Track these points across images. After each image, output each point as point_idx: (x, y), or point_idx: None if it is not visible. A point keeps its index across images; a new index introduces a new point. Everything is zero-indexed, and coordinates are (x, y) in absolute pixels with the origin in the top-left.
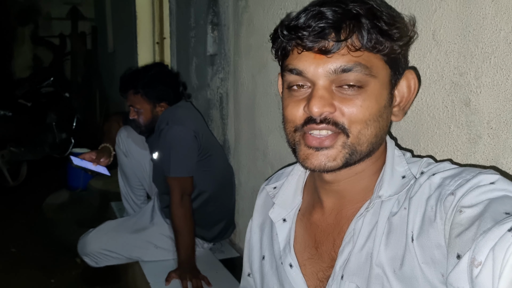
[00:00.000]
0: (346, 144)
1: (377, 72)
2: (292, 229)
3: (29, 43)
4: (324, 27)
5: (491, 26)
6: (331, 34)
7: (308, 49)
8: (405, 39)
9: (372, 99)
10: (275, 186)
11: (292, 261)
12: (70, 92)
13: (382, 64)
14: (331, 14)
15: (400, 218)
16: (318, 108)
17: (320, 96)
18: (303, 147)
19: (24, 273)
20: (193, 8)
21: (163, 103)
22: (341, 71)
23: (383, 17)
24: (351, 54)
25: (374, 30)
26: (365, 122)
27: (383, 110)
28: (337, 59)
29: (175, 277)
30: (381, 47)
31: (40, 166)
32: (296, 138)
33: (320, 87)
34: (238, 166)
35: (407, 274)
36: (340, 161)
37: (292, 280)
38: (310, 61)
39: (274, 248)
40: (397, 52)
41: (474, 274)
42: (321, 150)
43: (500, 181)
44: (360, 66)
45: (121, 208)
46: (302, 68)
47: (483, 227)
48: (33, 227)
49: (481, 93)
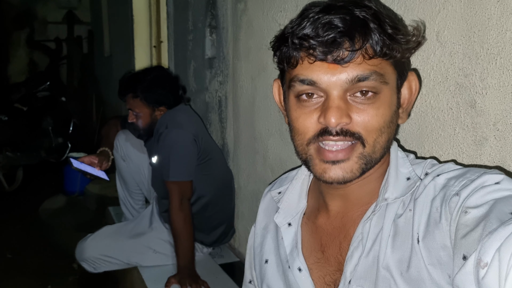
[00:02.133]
0: (362, 154)
1: (388, 78)
2: (298, 233)
3: (25, 48)
4: (336, 37)
5: (497, 27)
6: (345, 43)
7: (321, 59)
8: (412, 43)
9: (386, 106)
10: (280, 191)
11: (301, 265)
12: (66, 96)
13: (392, 69)
14: (341, 22)
15: (406, 220)
16: (336, 119)
17: (337, 107)
18: (318, 162)
19: (21, 279)
20: (191, 11)
21: (162, 107)
22: (357, 80)
23: (387, 21)
24: (367, 63)
25: (384, 36)
26: (380, 130)
27: (394, 115)
28: (353, 68)
29: (175, 282)
30: (393, 53)
31: (37, 170)
32: (309, 152)
33: (335, 97)
34: (237, 170)
35: (414, 276)
36: (357, 172)
37: (301, 284)
38: (323, 71)
39: (280, 252)
40: (406, 57)
41: (481, 275)
42: (338, 163)
43: (505, 181)
44: (375, 74)
45: (119, 213)
46: (316, 79)
47: (488, 228)
48: (29, 232)
49: (487, 94)
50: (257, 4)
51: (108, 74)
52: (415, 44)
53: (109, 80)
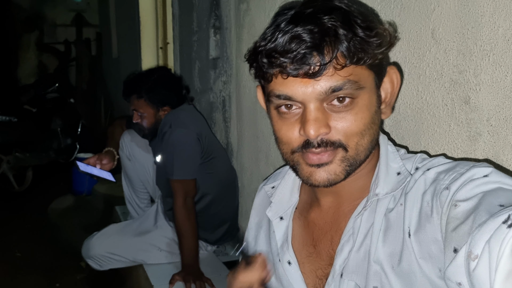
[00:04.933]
0: (345, 158)
1: (365, 83)
2: (289, 227)
3: (35, 50)
4: (306, 52)
5: (490, 24)
6: (315, 58)
7: (294, 76)
8: (384, 44)
9: (364, 109)
10: (273, 186)
11: (291, 258)
12: (75, 97)
13: (367, 72)
14: (308, 36)
15: (397, 214)
16: (314, 131)
17: (314, 119)
18: (304, 166)
19: (30, 277)
20: (196, 13)
21: (166, 107)
22: (331, 91)
23: (358, 22)
24: (338, 73)
25: (355, 42)
26: (361, 133)
27: (374, 115)
28: (326, 80)
29: (179, 279)
30: (365, 58)
31: (46, 171)
32: (295, 159)
33: (312, 109)
34: (241, 168)
35: (405, 269)
36: (342, 174)
37: (290, 277)
38: (297, 86)
39: (272, 246)
40: (380, 58)
41: (471, 267)
42: (322, 166)
43: (493, 173)
44: (349, 83)
45: (125, 211)
46: (291, 94)
47: (478, 220)
48: (38, 231)
49: (480, 90)
50: (259, 4)
51: (116, 75)
52: (388, 44)
53: (117, 81)
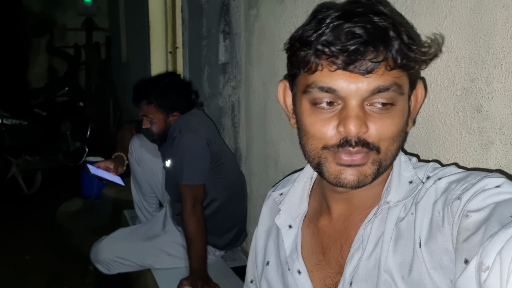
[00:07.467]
0: (375, 160)
1: (405, 89)
2: (298, 235)
3: (45, 54)
4: (360, 47)
5: (502, 32)
6: (369, 54)
7: (343, 68)
8: (429, 55)
9: (400, 115)
10: (281, 193)
11: (301, 267)
12: (84, 101)
13: (407, 79)
14: (363, 32)
15: (408, 223)
16: (356, 127)
17: (356, 116)
18: (333, 164)
19: (38, 280)
20: (205, 18)
21: (176, 112)
22: (378, 91)
23: (404, 31)
24: (388, 74)
25: (404, 48)
26: (393, 138)
27: (404, 124)
28: (375, 79)
29: (187, 284)
30: (411, 64)
31: (55, 174)
32: (323, 155)
33: (355, 106)
34: (249, 174)
35: (415, 280)
36: (370, 177)
37: (300, 286)
38: (344, 80)
39: (280, 254)
40: (422, 68)
41: (482, 279)
42: (353, 167)
43: (505, 184)
44: (395, 85)
45: (133, 216)
46: (336, 87)
47: (489, 231)
48: (47, 235)
49: (492, 98)
50: (269, 10)
51: (125, 79)
52: (432, 55)
53: (126, 85)
